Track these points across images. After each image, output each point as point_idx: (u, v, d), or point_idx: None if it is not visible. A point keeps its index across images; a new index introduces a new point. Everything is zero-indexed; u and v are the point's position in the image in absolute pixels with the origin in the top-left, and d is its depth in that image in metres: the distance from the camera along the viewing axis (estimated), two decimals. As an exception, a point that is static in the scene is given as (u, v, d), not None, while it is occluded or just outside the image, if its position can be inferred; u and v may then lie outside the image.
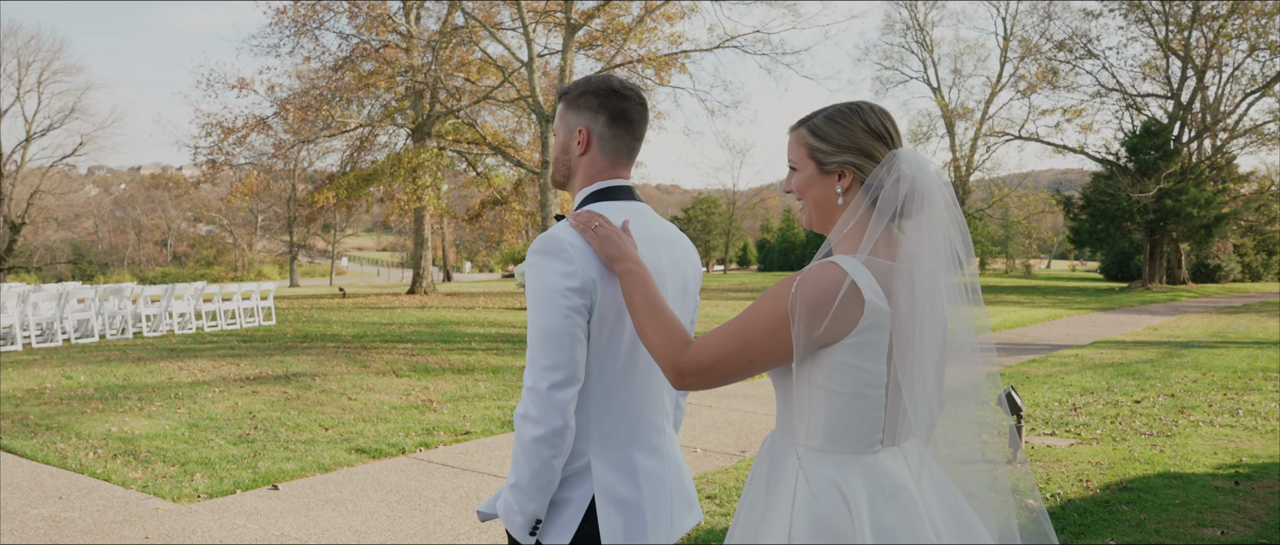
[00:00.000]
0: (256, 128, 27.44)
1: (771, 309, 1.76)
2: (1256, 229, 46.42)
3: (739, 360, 1.79)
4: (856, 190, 1.84)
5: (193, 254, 66.13)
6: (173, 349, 13.17)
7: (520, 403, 1.99)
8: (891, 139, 1.84)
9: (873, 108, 1.86)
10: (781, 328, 1.75)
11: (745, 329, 1.79)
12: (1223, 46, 38.88)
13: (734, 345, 1.79)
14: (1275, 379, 10.60)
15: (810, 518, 1.77)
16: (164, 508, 5.35)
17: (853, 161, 1.83)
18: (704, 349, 1.82)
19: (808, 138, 1.88)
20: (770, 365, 1.80)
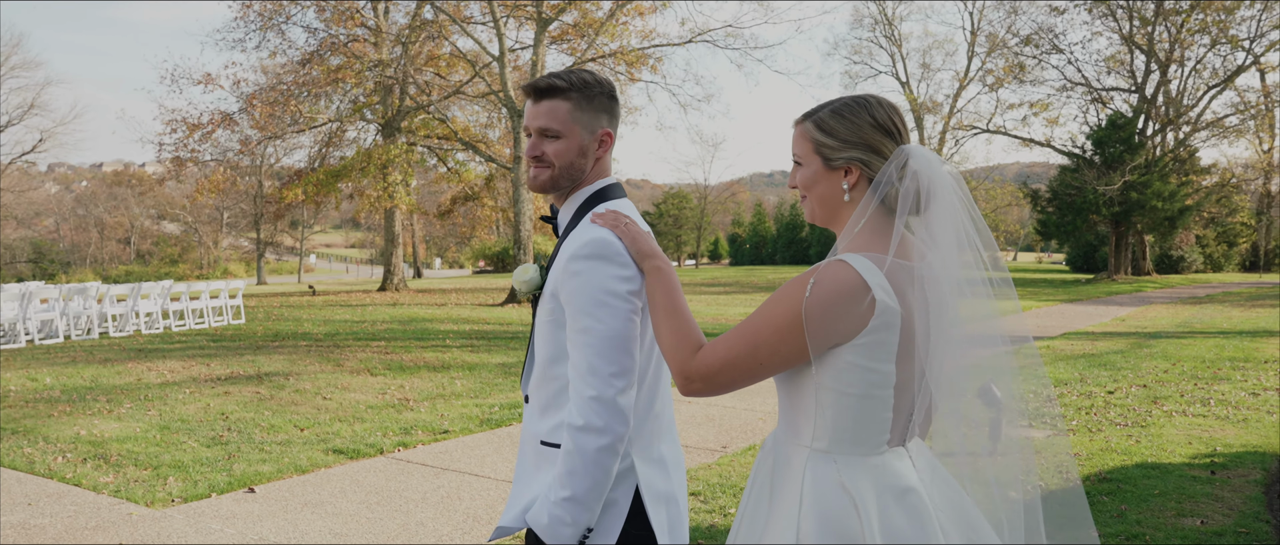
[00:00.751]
0: (222, 124, 27.01)
1: (781, 311, 1.73)
2: (1218, 221, 47.26)
3: (748, 364, 1.75)
4: (863, 186, 1.82)
5: (157, 252, 65.10)
6: (140, 349, 12.93)
7: (577, 413, 1.94)
8: (899, 134, 1.81)
9: (881, 102, 1.83)
10: (791, 330, 1.71)
11: (754, 332, 1.75)
12: (1185, 41, 39.46)
13: (743, 349, 1.75)
14: (1243, 368, 10.76)
15: (818, 519, 1.75)
16: (138, 513, 5.23)
17: (860, 157, 1.80)
18: (712, 354, 1.78)
19: (813, 132, 1.85)
20: (780, 368, 1.76)
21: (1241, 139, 43.17)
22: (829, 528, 1.73)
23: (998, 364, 1.86)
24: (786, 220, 63.45)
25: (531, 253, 24.13)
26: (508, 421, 7.71)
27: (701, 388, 1.80)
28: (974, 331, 1.82)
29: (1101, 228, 40.81)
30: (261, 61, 37.83)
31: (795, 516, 1.77)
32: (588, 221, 2.07)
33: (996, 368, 1.86)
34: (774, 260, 61.75)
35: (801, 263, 59.40)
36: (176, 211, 63.52)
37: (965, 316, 1.79)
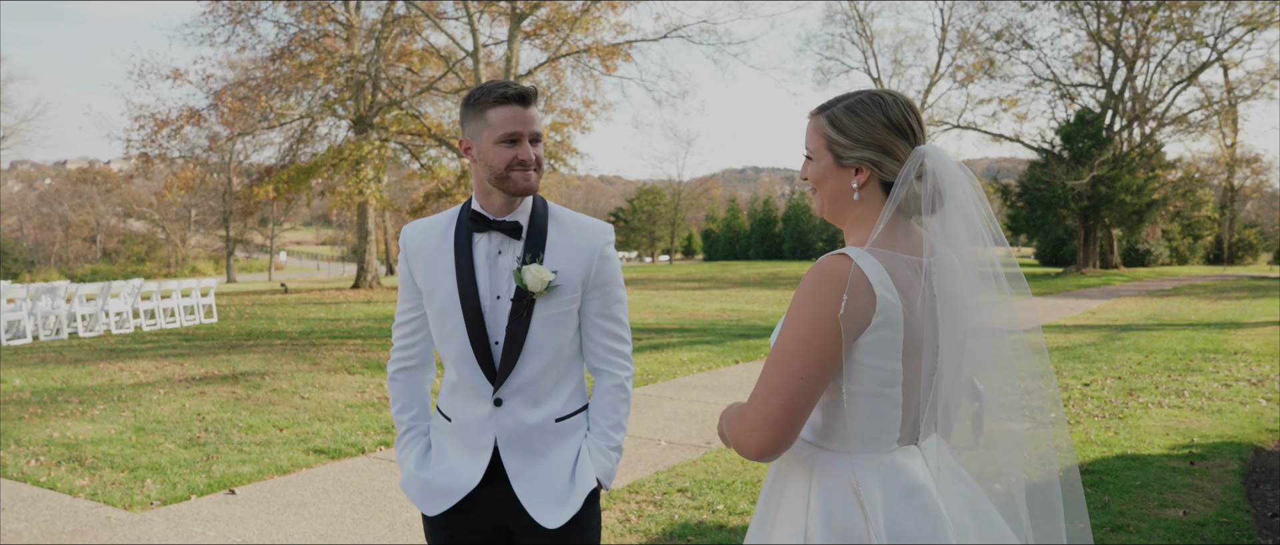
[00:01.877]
0: (191, 120, 26.63)
1: (797, 323, 1.70)
2: (1183, 215, 48.02)
3: (793, 388, 1.68)
4: (873, 185, 1.80)
5: (123, 250, 64.13)
6: (112, 349, 12.72)
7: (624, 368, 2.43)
8: (914, 134, 1.79)
9: (897, 99, 1.80)
10: (815, 335, 1.68)
11: (785, 356, 1.70)
12: (1151, 37, 40.05)
13: (781, 376, 1.70)
14: (1213, 360, 10.93)
15: (824, 519, 1.74)
16: (116, 517, 5.13)
17: (871, 158, 1.77)
18: (754, 401, 1.72)
19: (826, 128, 1.83)
20: (825, 380, 1.70)
21: (1205, 134, 43.95)
22: (835, 527, 1.72)
23: (1005, 357, 1.85)
24: (760, 216, 63.68)
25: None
26: (490, 419, 7.65)
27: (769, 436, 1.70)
28: (988, 326, 1.81)
29: (1070, 222, 41.35)
30: (230, 57, 37.42)
31: (803, 516, 1.76)
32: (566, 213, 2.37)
33: (1004, 361, 1.85)
34: (748, 255, 61.95)
35: (775, 258, 59.66)
36: (143, 209, 62.59)
37: (979, 313, 1.78)
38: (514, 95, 2.21)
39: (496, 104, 2.22)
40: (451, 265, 2.28)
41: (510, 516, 2.33)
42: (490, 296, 2.26)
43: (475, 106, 2.25)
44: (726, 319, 17.31)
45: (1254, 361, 10.76)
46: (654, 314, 18.54)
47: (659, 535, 4.66)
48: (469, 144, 2.29)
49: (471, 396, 2.30)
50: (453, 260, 2.28)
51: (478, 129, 2.25)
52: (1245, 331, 14.30)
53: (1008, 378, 1.85)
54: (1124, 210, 37.92)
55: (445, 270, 2.28)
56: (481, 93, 2.25)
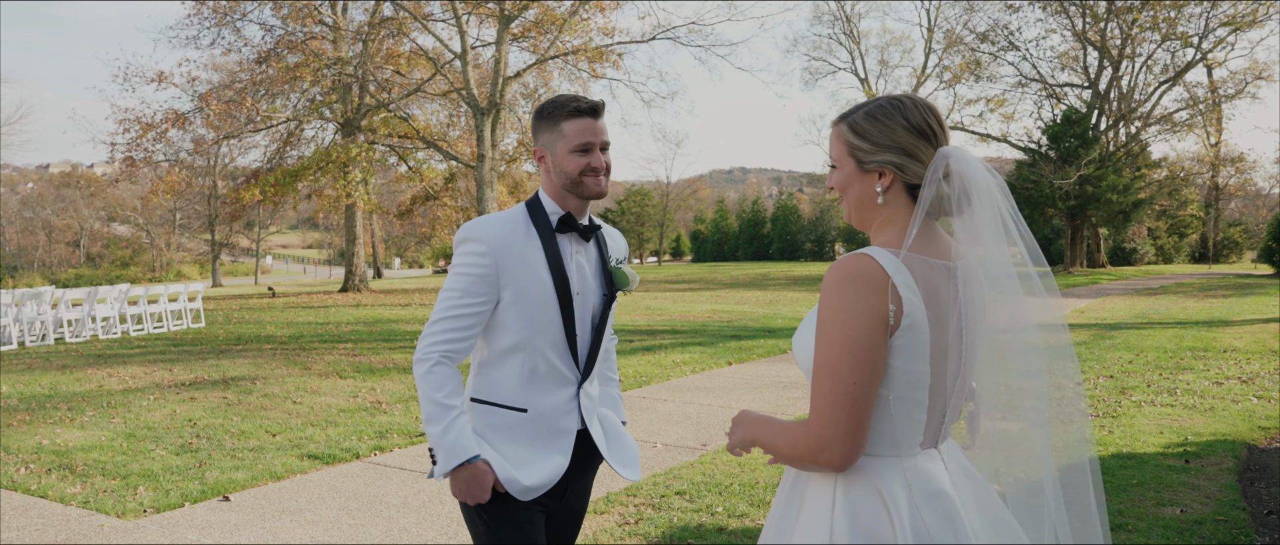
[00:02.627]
0: (176, 123, 26.43)
1: (833, 328, 1.68)
2: (1168, 213, 48.34)
3: (851, 393, 1.67)
4: (898, 189, 1.80)
5: (107, 255, 63.75)
6: (99, 355, 12.61)
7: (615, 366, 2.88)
8: (935, 136, 1.79)
9: (916, 103, 1.80)
10: (854, 336, 1.66)
11: (832, 364, 1.68)
12: (1136, 38, 40.32)
13: (833, 385, 1.68)
14: (1204, 358, 10.99)
15: (850, 521, 1.73)
16: (109, 524, 5.07)
17: (893, 161, 1.78)
18: (817, 415, 1.71)
19: (847, 135, 1.84)
20: (876, 379, 1.69)
21: (1190, 133, 44.24)
22: (861, 529, 1.72)
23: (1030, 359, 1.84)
24: (748, 217, 63.78)
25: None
26: (484, 423, 7.61)
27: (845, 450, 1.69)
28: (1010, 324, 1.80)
29: (1057, 221, 41.57)
30: (215, 59, 37.19)
31: (828, 518, 1.75)
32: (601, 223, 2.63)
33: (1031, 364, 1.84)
34: (736, 256, 62.02)
35: (763, 259, 59.73)
36: (127, 213, 62.20)
37: (1005, 314, 1.78)
38: (586, 109, 2.45)
39: (570, 116, 2.44)
40: (544, 262, 2.45)
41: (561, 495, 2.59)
42: (577, 292, 2.50)
43: (549, 119, 2.47)
44: (717, 320, 17.30)
45: (1244, 359, 10.83)
46: (645, 316, 18.52)
47: (659, 538, 4.64)
48: (543, 153, 2.51)
49: (556, 383, 2.50)
50: (544, 258, 2.45)
51: (552, 139, 2.47)
52: (1233, 329, 14.39)
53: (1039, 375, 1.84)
54: (1110, 209, 38.16)
55: (540, 267, 2.44)
56: (555, 106, 2.47)
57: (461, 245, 2.44)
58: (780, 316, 18.12)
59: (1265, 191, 54.42)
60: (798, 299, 23.38)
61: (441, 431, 2.36)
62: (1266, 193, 54.28)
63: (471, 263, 2.41)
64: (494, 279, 2.41)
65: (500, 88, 23.43)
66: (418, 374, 2.42)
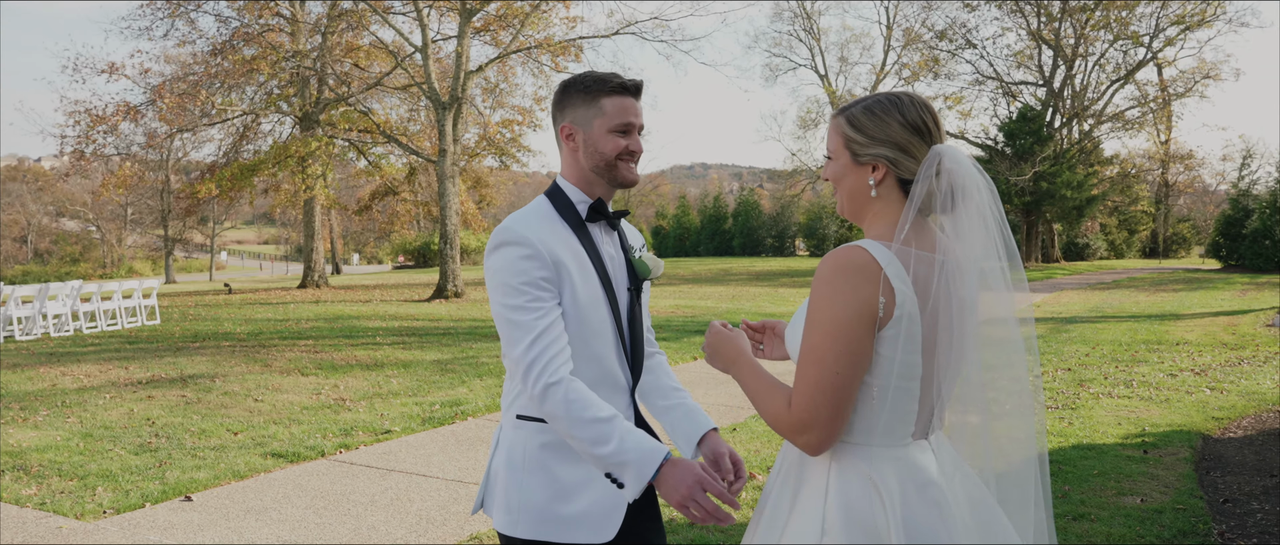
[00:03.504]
0: (128, 115, 25.83)
1: (822, 318, 1.72)
2: (1120, 209, 49.34)
3: (835, 379, 1.71)
4: (890, 183, 1.83)
5: (56, 251, 62.18)
6: (51, 353, 12.32)
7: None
8: (930, 134, 1.83)
9: (913, 101, 1.84)
10: (842, 327, 1.70)
11: (816, 354, 1.72)
12: (1089, 37, 41.06)
13: (820, 371, 1.71)
14: (1157, 351, 11.24)
15: (843, 510, 1.75)
16: (67, 526, 4.96)
17: (887, 155, 1.82)
18: (803, 399, 1.74)
19: (844, 127, 1.87)
20: (861, 371, 1.73)
21: (1141, 131, 45.15)
22: (854, 519, 1.74)
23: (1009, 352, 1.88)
24: (710, 213, 63.99)
25: (458, 246, 23.79)
26: (450, 419, 7.57)
27: (821, 436, 1.73)
28: (989, 319, 1.84)
29: (1013, 217, 42.16)
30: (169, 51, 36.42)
31: (821, 507, 1.77)
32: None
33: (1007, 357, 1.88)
34: (698, 252, 62.20)
35: (726, 255, 59.97)
36: (77, 208, 60.79)
37: (991, 308, 1.82)
38: (632, 87, 2.23)
39: (613, 93, 2.21)
40: (585, 256, 2.20)
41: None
42: (615, 287, 2.26)
43: (588, 93, 2.22)
44: (681, 316, 17.34)
45: (1196, 351, 11.09)
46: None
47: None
48: (573, 130, 2.24)
49: (610, 391, 2.21)
50: (583, 251, 2.20)
51: (588, 115, 2.22)
52: (1185, 323, 14.73)
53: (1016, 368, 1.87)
54: (1065, 205, 38.86)
55: (586, 263, 2.20)
56: (595, 80, 2.22)
57: (503, 250, 2.14)
58: (743, 311, 18.21)
59: (1213, 188, 55.73)
60: (760, 294, 23.51)
61: (616, 446, 1.99)
62: (1214, 189, 55.60)
63: (525, 268, 2.11)
64: (554, 279, 2.13)
65: (462, 82, 23.23)
66: (550, 409, 2.04)
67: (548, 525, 2.12)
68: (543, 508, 2.13)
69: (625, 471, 1.99)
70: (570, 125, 2.24)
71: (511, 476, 2.18)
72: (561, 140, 2.27)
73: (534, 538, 2.13)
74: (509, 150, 30.16)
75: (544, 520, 2.13)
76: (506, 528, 2.17)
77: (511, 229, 2.14)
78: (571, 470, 2.15)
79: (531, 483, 2.15)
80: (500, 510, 2.19)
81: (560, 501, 2.13)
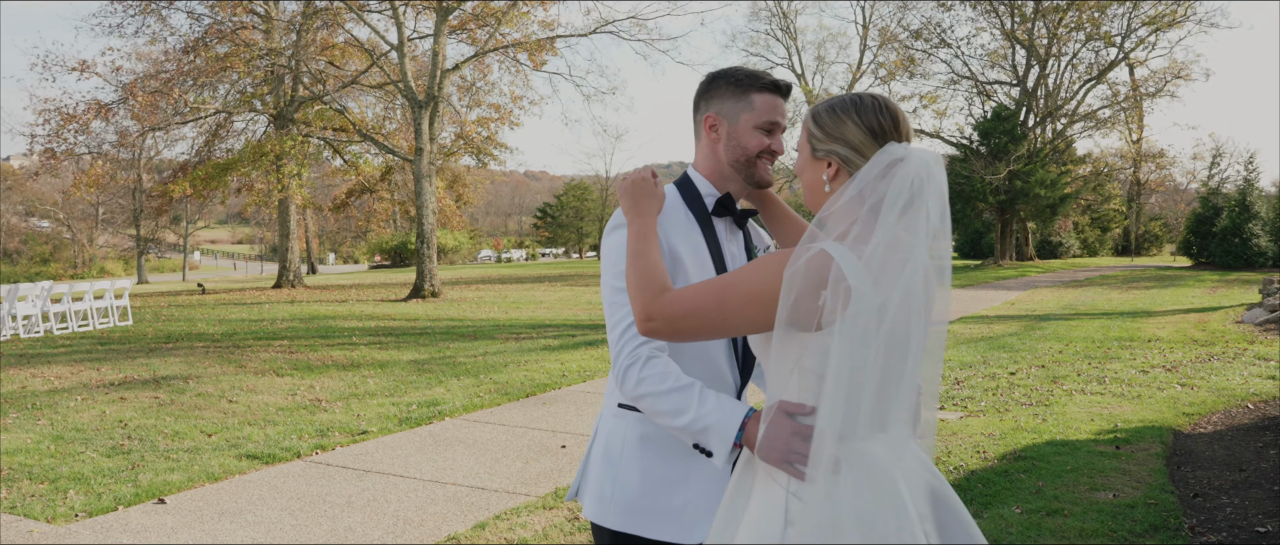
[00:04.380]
0: (99, 114, 25.48)
1: (755, 278, 1.80)
2: (1093, 208, 49.89)
3: (713, 318, 1.82)
4: (843, 179, 1.87)
5: (26, 251, 61.29)
6: (21, 354, 12.14)
7: None
8: (887, 135, 1.85)
9: (876, 103, 1.88)
10: (761, 300, 1.78)
11: (723, 290, 1.82)
12: (1062, 37, 41.50)
13: (710, 302, 1.82)
14: (1130, 347, 11.37)
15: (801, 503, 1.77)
16: (39, 529, 4.89)
17: (839, 153, 1.87)
18: (679, 299, 1.85)
19: (809, 122, 1.94)
20: (740, 331, 1.84)
21: (1113, 130, 45.70)
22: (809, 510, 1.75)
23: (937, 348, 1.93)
24: (687, 211, 64.17)
25: (435, 246, 23.68)
26: (427, 420, 7.54)
27: (661, 328, 1.86)
28: (936, 318, 1.90)
29: (988, 215, 42.61)
30: (140, 48, 36.00)
31: (783, 498, 1.79)
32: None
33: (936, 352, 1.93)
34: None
35: (703, 253, 60.14)
36: (47, 208, 59.93)
37: (943, 306, 1.88)
38: (784, 87, 2.22)
39: (764, 90, 2.19)
40: (705, 250, 2.17)
41: None
42: None
43: (739, 86, 2.20)
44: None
45: (1167, 348, 11.23)
46: (586, 311, 18.50)
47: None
48: (717, 121, 2.22)
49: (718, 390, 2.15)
50: (704, 245, 2.18)
51: (737, 109, 2.19)
52: (1156, 320, 14.92)
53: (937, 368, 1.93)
54: (1038, 204, 39.24)
55: (705, 257, 2.16)
56: (749, 76, 2.20)
57: (618, 232, 2.12)
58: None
59: (1183, 186, 56.49)
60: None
61: (695, 413, 1.91)
62: (1184, 188, 56.35)
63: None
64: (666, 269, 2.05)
65: (438, 80, 23.12)
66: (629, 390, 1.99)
67: (637, 518, 2.09)
68: (634, 501, 2.10)
69: (708, 437, 1.91)
70: (715, 116, 2.22)
71: (607, 466, 2.15)
72: (702, 130, 2.24)
73: (622, 529, 2.10)
74: (486, 148, 30.06)
75: (634, 513, 2.10)
76: (596, 517, 2.15)
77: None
78: (668, 466, 2.11)
79: (626, 474, 2.11)
80: (592, 499, 2.17)
81: (653, 496, 2.10)
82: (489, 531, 4.75)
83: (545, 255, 68.05)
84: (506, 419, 7.60)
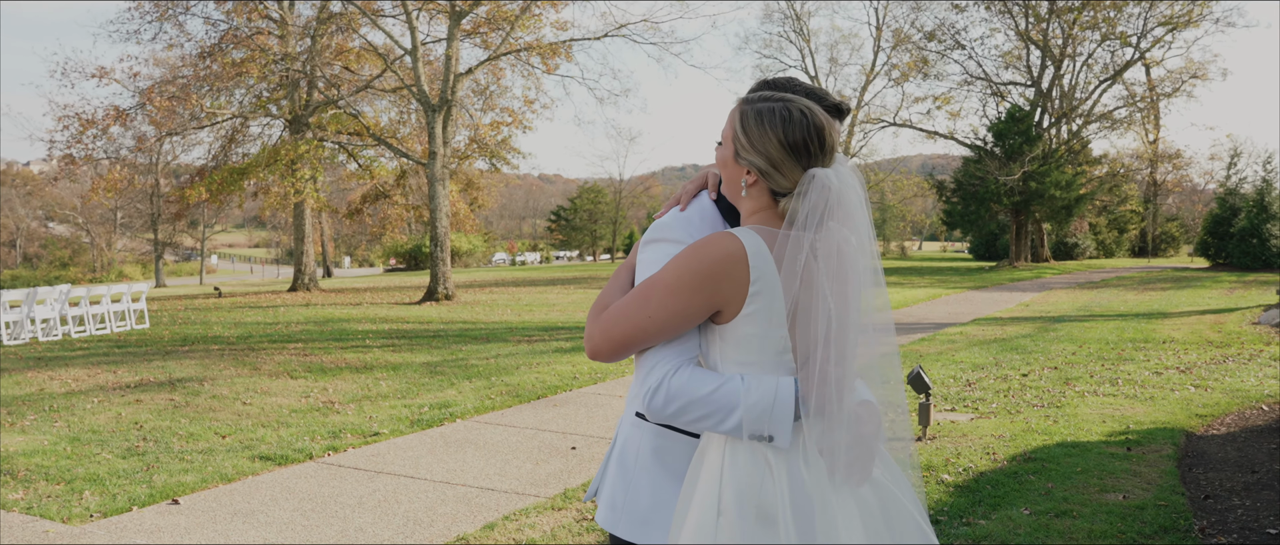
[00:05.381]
0: (117, 120, 25.72)
1: (670, 274, 1.84)
2: (1109, 208, 49.54)
3: (644, 324, 1.85)
4: (761, 188, 1.89)
5: (46, 255, 61.94)
6: (39, 357, 12.28)
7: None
8: (809, 156, 1.85)
9: (803, 119, 1.85)
10: (679, 292, 1.82)
11: (647, 294, 1.86)
12: (1077, 37, 41.26)
13: (636, 309, 1.86)
14: (1144, 349, 11.31)
15: (736, 485, 1.81)
16: (55, 530, 4.96)
17: (760, 166, 1.87)
18: (611, 314, 1.89)
19: (736, 122, 1.93)
20: (671, 329, 1.85)
21: (1129, 130, 45.41)
22: (745, 494, 1.80)
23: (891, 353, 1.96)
24: (701, 213, 64.06)
25: (448, 249, 23.77)
26: (438, 422, 7.58)
27: (603, 346, 1.90)
28: (881, 320, 1.92)
29: (1002, 217, 42.39)
30: (157, 54, 36.35)
31: (717, 485, 1.84)
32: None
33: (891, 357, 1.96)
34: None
35: (716, 255, 60.09)
36: (66, 212, 60.54)
37: (869, 305, 1.90)
38: (845, 109, 2.05)
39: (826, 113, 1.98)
40: None
41: None
42: None
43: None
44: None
45: (1181, 350, 11.16)
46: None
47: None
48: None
49: None
50: None
51: None
52: (1172, 321, 14.82)
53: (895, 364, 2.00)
54: (1053, 205, 39.01)
55: None
56: (807, 93, 2.03)
57: (653, 246, 2.05)
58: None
59: (1201, 187, 56.05)
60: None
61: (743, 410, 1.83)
62: (1202, 188, 55.91)
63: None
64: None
65: (451, 84, 23.22)
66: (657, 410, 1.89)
67: (647, 530, 2.07)
68: (645, 513, 2.07)
69: (769, 422, 1.82)
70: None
71: (621, 475, 2.13)
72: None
73: (632, 540, 2.09)
74: (500, 152, 30.15)
75: (646, 525, 2.07)
76: (608, 524, 2.14)
77: (668, 225, 2.05)
78: (678, 483, 2.05)
79: (638, 484, 2.09)
80: (605, 505, 2.17)
81: (663, 509, 2.06)
82: (497, 532, 4.78)
83: (559, 258, 68.15)
84: (517, 421, 7.64)
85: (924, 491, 1.96)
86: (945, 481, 5.48)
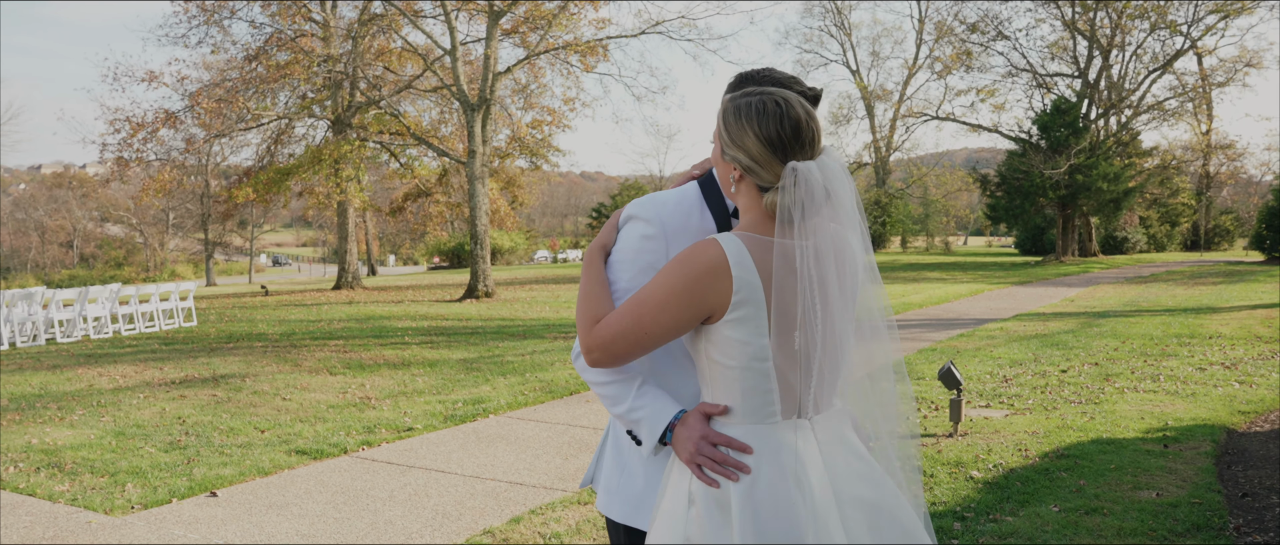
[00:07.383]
0: (167, 122, 26.35)
1: (660, 284, 1.84)
2: (1160, 201, 48.46)
3: (635, 334, 1.86)
4: (748, 184, 1.88)
5: (101, 255, 63.62)
6: (90, 355, 12.63)
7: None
8: (788, 150, 1.82)
9: (776, 112, 1.83)
10: (669, 302, 1.82)
11: (639, 304, 1.86)
12: (1125, 27, 40.39)
13: (629, 320, 1.87)
14: (1189, 345, 11.07)
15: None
16: (97, 521, 5.12)
17: (742, 162, 1.86)
18: (606, 326, 1.90)
19: (720, 119, 1.92)
20: (667, 338, 1.87)
21: (1181, 121, 44.38)
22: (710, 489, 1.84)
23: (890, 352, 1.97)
24: (741, 210, 63.93)
25: (488, 247, 23.99)
26: (472, 417, 7.67)
27: (601, 357, 1.91)
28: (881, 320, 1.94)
29: (1049, 211, 41.62)
30: (205, 58, 37.10)
31: (689, 473, 1.88)
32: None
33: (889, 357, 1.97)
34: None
35: (757, 251, 59.87)
36: (120, 213, 62.09)
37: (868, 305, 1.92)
38: (813, 95, 2.06)
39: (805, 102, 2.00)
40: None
41: None
42: None
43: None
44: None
45: (1228, 345, 10.90)
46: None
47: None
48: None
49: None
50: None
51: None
52: (1221, 316, 14.48)
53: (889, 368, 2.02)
54: (1101, 198, 38.22)
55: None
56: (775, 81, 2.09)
57: (629, 224, 2.09)
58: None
59: (1256, 179, 54.62)
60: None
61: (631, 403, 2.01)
62: (1258, 180, 54.47)
63: (640, 247, 2.05)
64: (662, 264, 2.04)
65: (490, 83, 23.42)
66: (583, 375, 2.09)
67: (641, 513, 2.11)
68: (640, 496, 2.11)
69: (640, 428, 2.00)
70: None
71: (616, 459, 2.19)
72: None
73: (628, 523, 2.14)
74: (540, 151, 30.33)
75: (639, 507, 2.12)
76: (604, 508, 2.20)
77: (643, 205, 2.08)
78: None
79: (633, 469, 2.14)
80: (602, 490, 2.22)
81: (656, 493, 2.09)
82: (523, 525, 4.84)
83: (600, 255, 68.19)
84: (549, 416, 7.71)
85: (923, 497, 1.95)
86: (975, 478, 5.43)
